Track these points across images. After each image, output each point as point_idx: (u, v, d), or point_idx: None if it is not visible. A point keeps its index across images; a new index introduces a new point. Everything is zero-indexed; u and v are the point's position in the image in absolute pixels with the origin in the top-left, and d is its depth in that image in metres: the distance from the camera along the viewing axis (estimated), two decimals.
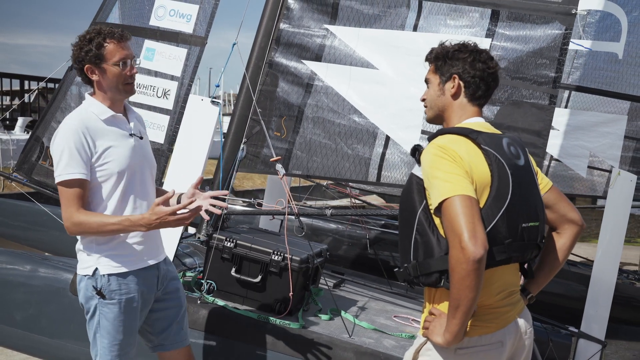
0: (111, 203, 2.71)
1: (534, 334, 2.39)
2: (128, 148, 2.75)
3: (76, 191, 2.62)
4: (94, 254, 2.73)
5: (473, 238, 1.96)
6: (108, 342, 2.75)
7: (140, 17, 4.52)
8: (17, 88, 17.96)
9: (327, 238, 6.68)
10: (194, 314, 3.45)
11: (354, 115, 4.33)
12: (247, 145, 4.25)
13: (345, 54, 4.31)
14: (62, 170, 2.60)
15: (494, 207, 2.11)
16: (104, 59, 2.69)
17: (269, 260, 3.61)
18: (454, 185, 2.05)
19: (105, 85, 2.73)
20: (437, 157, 2.12)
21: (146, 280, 2.81)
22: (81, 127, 2.63)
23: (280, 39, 4.30)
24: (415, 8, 4.40)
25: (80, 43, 2.72)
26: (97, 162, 2.66)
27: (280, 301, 3.59)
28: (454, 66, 2.33)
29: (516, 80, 4.07)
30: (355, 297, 4.40)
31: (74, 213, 2.61)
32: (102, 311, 2.73)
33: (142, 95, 4.41)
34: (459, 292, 2.00)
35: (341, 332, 3.52)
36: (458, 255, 1.98)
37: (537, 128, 4.00)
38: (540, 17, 3.99)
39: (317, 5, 4.34)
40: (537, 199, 2.29)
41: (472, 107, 2.34)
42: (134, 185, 2.78)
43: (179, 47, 4.35)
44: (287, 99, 4.34)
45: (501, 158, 2.16)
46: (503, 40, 4.09)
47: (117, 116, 2.77)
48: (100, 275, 2.71)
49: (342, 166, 4.41)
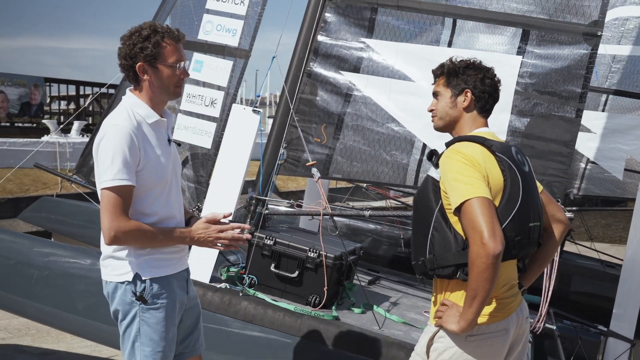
0: (152, 210, 2.61)
1: (560, 332, 2.63)
2: (168, 156, 2.65)
3: (126, 198, 2.48)
4: (132, 258, 2.59)
5: (493, 236, 2.19)
6: (151, 349, 2.61)
7: (190, 31, 4.85)
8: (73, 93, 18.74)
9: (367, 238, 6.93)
10: (236, 305, 3.77)
11: (392, 124, 4.55)
12: (288, 150, 4.55)
13: (383, 66, 4.53)
14: (115, 175, 2.44)
15: (507, 208, 2.35)
16: (161, 58, 2.54)
17: (306, 257, 3.90)
18: (473, 188, 2.27)
19: (156, 85, 2.58)
20: (457, 161, 2.36)
21: (180, 285, 2.73)
22: (132, 130, 2.48)
23: (319, 50, 4.58)
24: (450, 26, 4.66)
25: (133, 39, 2.53)
26: (142, 168, 2.52)
27: (315, 295, 3.88)
28: (465, 82, 2.56)
29: (545, 94, 4.29)
30: (389, 293, 4.65)
31: (124, 222, 2.47)
32: (143, 317, 2.60)
33: (191, 103, 4.75)
34: (477, 283, 2.22)
35: (372, 324, 3.79)
36: (479, 250, 2.20)
37: (564, 139, 4.21)
38: (568, 37, 4.20)
39: (354, 19, 4.60)
40: (539, 201, 2.53)
41: (481, 119, 2.58)
42: (172, 192, 2.70)
43: (225, 60, 4.66)
44: (326, 107, 4.60)
45: (513, 164, 2.40)
46: (533, 58, 4.31)
47: (161, 121, 2.64)
48: (141, 280, 2.58)
49: (380, 171, 4.64)
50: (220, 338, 3.77)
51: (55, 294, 4.11)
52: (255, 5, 4.62)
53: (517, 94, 4.29)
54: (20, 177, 12.59)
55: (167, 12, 5.09)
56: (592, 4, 4.15)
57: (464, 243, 2.34)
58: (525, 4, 4.28)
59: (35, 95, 16.98)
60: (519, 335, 2.52)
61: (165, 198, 2.65)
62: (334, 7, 4.54)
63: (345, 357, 3.54)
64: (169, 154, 2.67)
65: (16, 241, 4.56)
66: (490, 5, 4.35)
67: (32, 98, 16.92)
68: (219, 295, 3.84)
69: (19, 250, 4.42)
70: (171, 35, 2.58)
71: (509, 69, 4.30)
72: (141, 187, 2.54)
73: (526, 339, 2.59)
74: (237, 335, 3.72)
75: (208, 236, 2.62)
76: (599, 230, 14.51)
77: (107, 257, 2.65)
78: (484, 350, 2.40)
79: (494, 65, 4.19)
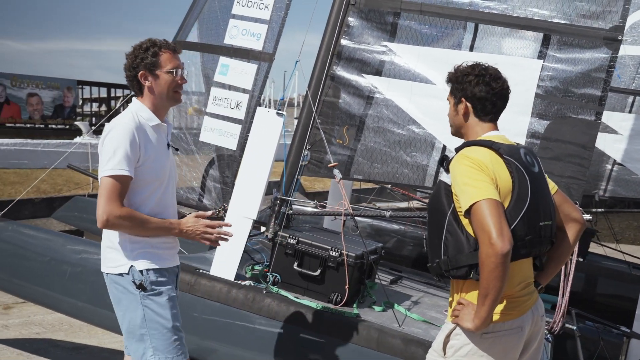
0: (148, 205, 2.82)
1: (581, 332, 2.68)
2: (166, 157, 2.91)
3: (123, 187, 2.69)
4: (128, 251, 2.80)
5: (501, 235, 2.27)
6: (160, 332, 2.80)
7: (216, 36, 5.00)
8: (104, 95, 19.11)
9: (391, 238, 7.00)
10: (259, 302, 3.89)
11: (412, 126, 4.62)
12: (311, 152, 4.65)
13: (405, 69, 4.60)
14: (115, 166, 2.67)
15: (516, 208, 2.42)
16: (159, 65, 2.83)
17: (328, 256, 4.00)
18: (482, 191, 2.36)
19: (156, 90, 2.85)
20: (466, 166, 2.44)
21: (172, 279, 2.93)
22: (135, 129, 2.74)
23: (342, 54, 4.68)
24: (472, 30, 4.72)
25: (135, 52, 2.85)
26: (141, 164, 2.76)
27: (337, 293, 3.98)
28: (461, 90, 2.64)
29: (565, 98, 4.33)
30: (410, 292, 4.73)
31: (117, 207, 2.67)
32: (145, 304, 2.79)
33: (217, 106, 4.89)
34: (488, 282, 2.31)
35: (392, 322, 3.87)
36: (488, 250, 2.29)
37: (583, 141, 4.26)
38: (589, 42, 4.24)
39: (377, 23, 4.68)
40: (550, 200, 2.59)
41: (484, 124, 2.64)
42: (167, 192, 2.92)
43: (249, 63, 4.79)
44: (348, 109, 4.69)
45: (520, 166, 2.47)
46: (554, 62, 4.36)
47: (162, 125, 2.91)
48: (137, 271, 2.79)
49: (401, 172, 4.71)
50: (244, 334, 3.89)
51: (87, 289, 4.27)
52: (278, 10, 4.73)
53: (538, 97, 4.35)
54: (53, 178, 12.91)
55: (194, 18, 5.24)
56: (613, 9, 4.20)
57: (475, 244, 2.42)
58: (547, 9, 4.34)
59: (68, 97, 17.37)
60: (534, 333, 2.59)
61: (161, 195, 2.88)
62: (357, 11, 4.64)
63: (364, 353, 3.63)
64: (167, 156, 2.93)
65: (51, 239, 4.74)
66: (512, 10, 4.41)
67: (65, 100, 17.31)
68: (244, 292, 3.96)
69: (53, 248, 4.61)
70: (168, 46, 2.89)
71: (529, 72, 4.36)
72: (139, 181, 2.77)
73: (542, 337, 2.66)
74: (260, 331, 3.84)
75: (196, 229, 2.85)
76: (630, 232, 14.29)
77: (107, 248, 2.87)
78: (499, 347, 2.47)
79: (515, 68, 4.31)
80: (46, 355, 5.43)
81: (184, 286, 3.99)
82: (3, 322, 6.62)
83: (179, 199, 4.98)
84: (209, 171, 5.03)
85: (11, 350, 5.51)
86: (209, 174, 5.02)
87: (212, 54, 5.03)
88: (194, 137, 5.06)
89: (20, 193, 9.31)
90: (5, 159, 13.55)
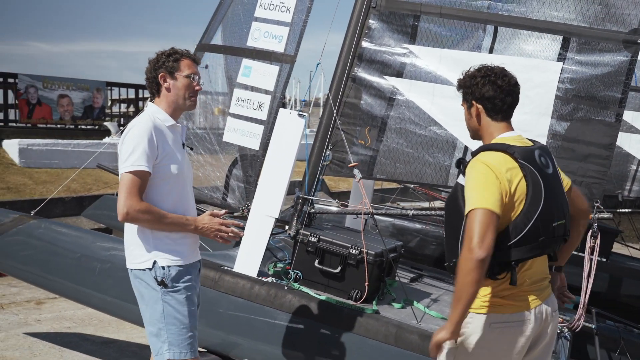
0: (168, 202, 2.97)
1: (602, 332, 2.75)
2: (182, 155, 3.09)
3: (142, 182, 2.86)
4: (151, 248, 2.95)
5: (481, 242, 2.39)
6: (176, 328, 2.94)
7: (239, 39, 5.11)
8: (133, 96, 19.39)
9: (414, 238, 7.06)
10: (281, 298, 4.00)
11: (434, 127, 4.68)
12: (333, 152, 4.75)
13: (425, 71, 4.66)
14: (135, 162, 2.84)
15: (530, 211, 2.52)
16: (178, 69, 3.05)
17: (348, 254, 4.10)
18: (483, 200, 2.46)
19: (173, 92, 3.05)
20: (478, 171, 2.54)
21: (194, 274, 3.07)
22: (153, 129, 2.92)
23: (363, 55, 4.76)
24: (491, 32, 4.77)
25: (158, 57, 3.09)
26: (159, 162, 2.93)
27: (357, 290, 4.07)
28: (470, 93, 2.73)
29: (585, 99, 4.38)
30: (430, 290, 4.80)
31: (136, 201, 2.83)
32: (165, 299, 2.94)
33: (240, 107, 5.00)
34: (462, 286, 2.42)
35: (411, 319, 3.95)
36: (466, 254, 2.41)
37: (603, 142, 4.31)
38: (608, 45, 4.29)
39: (397, 26, 4.75)
40: (563, 200, 2.68)
41: (498, 124, 2.72)
42: (185, 190, 3.09)
43: (272, 65, 4.89)
44: (370, 110, 4.77)
45: (534, 170, 2.56)
46: (574, 65, 4.40)
47: (176, 126, 3.10)
48: (159, 267, 2.93)
49: (423, 172, 4.77)
50: (266, 329, 4.00)
51: (116, 285, 4.40)
52: (300, 12, 4.83)
53: (558, 98, 4.39)
54: (83, 177, 13.18)
55: (219, 21, 5.36)
56: (632, 12, 4.24)
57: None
58: (566, 12, 4.38)
59: (98, 98, 17.64)
60: (545, 328, 2.67)
61: (179, 192, 3.04)
62: (378, 14, 4.71)
63: (383, 349, 3.72)
64: (183, 154, 3.12)
65: (81, 236, 4.91)
66: (531, 13, 4.46)
67: (94, 101, 17.58)
68: (266, 288, 4.07)
69: (83, 245, 4.77)
70: (188, 55, 3.14)
71: (549, 74, 4.41)
72: (158, 177, 2.94)
73: (553, 332, 2.73)
74: (282, 326, 3.95)
75: (211, 227, 3.01)
76: None
77: (131, 244, 3.02)
78: (506, 337, 2.57)
79: (535, 71, 4.37)
80: (77, 348, 5.61)
81: (208, 282, 4.12)
82: (35, 317, 6.84)
83: (204, 198, 5.13)
84: (232, 171, 5.15)
85: (44, 343, 5.70)
86: (233, 174, 5.14)
87: (235, 56, 5.15)
88: (218, 138, 5.19)
89: (51, 192, 9.54)
90: (37, 158, 13.86)
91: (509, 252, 2.50)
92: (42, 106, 16.36)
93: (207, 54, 5.41)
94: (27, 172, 13.41)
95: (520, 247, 2.51)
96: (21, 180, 12.98)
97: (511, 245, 2.50)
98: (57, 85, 16.71)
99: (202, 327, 3.97)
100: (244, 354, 4.08)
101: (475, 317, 2.59)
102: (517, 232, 2.50)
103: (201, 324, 3.90)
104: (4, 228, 5.02)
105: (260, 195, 4.33)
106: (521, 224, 2.50)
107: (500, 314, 2.55)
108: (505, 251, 2.50)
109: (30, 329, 6.22)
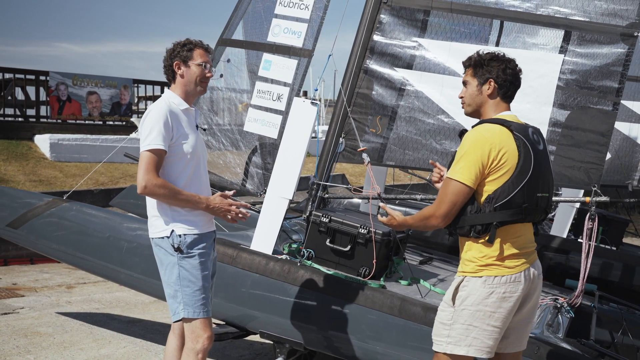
0: (182, 178, 3.25)
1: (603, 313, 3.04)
2: (195, 137, 3.35)
3: (159, 159, 3.15)
4: (169, 219, 3.25)
5: (446, 215, 2.87)
6: (191, 290, 3.24)
7: (260, 34, 5.39)
8: (158, 93, 19.84)
9: None
10: (294, 273, 4.28)
11: (442, 116, 4.94)
12: (346, 140, 5.02)
13: (434, 63, 4.92)
14: (152, 141, 3.14)
15: (519, 178, 2.83)
16: (191, 58, 3.35)
17: (357, 233, 4.37)
18: (465, 173, 2.82)
19: (186, 78, 3.35)
20: (471, 142, 2.85)
21: (209, 242, 3.36)
22: (168, 112, 3.22)
23: (374, 48, 5.02)
24: (497, 27, 5.02)
25: (174, 47, 3.40)
26: (174, 142, 3.22)
27: (365, 267, 4.34)
28: (489, 72, 3.00)
29: (584, 89, 4.63)
30: (438, 271, 5.05)
31: (153, 176, 3.11)
32: (181, 264, 3.24)
33: (261, 98, 5.29)
34: (418, 224, 3.01)
35: (416, 294, 4.21)
36: (432, 213, 2.88)
37: (601, 130, 4.55)
38: (607, 38, 4.53)
39: (408, 20, 5.02)
40: (549, 176, 2.95)
41: (503, 104, 3.03)
42: (200, 169, 3.37)
43: (290, 59, 5.16)
44: (381, 100, 5.04)
45: (527, 142, 2.84)
46: (574, 57, 4.66)
47: (190, 109, 3.39)
48: (176, 235, 3.23)
49: (431, 158, 5.00)
50: (280, 302, 4.29)
51: (142, 262, 4.73)
52: (318, 9, 5.09)
53: (559, 88, 4.64)
54: (111, 171, 13.64)
55: (239, 17, 5.65)
56: (629, 7, 4.48)
57: (477, 208, 2.83)
58: (568, 8, 4.63)
59: (125, 95, 18.08)
60: (532, 289, 2.96)
61: (194, 169, 3.32)
62: (389, 9, 4.98)
63: (388, 319, 3.99)
64: (197, 135, 3.40)
65: (109, 218, 5.25)
66: (535, 9, 4.70)
67: (122, 98, 18.03)
68: (280, 264, 4.35)
69: (111, 226, 5.10)
70: (202, 45, 3.43)
71: (551, 66, 4.66)
72: (173, 156, 3.23)
73: (538, 292, 3.02)
74: (294, 299, 4.23)
75: (221, 207, 3.30)
76: None
77: (152, 216, 3.34)
78: (499, 296, 2.85)
79: (538, 62, 4.62)
80: (105, 326, 5.96)
81: (227, 259, 4.42)
82: (67, 299, 7.23)
83: (224, 184, 5.42)
84: (252, 158, 5.43)
85: (74, 321, 6.07)
86: (252, 161, 5.42)
87: (256, 51, 5.44)
88: (239, 128, 5.48)
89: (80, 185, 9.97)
90: (67, 153, 14.36)
91: (494, 214, 2.81)
92: (71, 103, 16.86)
93: (229, 49, 5.70)
94: (58, 166, 13.91)
95: (505, 210, 2.82)
96: (52, 173, 13.48)
97: (497, 207, 2.82)
98: (86, 83, 17.21)
99: (221, 301, 4.30)
100: (259, 326, 4.37)
101: (471, 280, 2.88)
102: (504, 196, 2.82)
103: (219, 298, 4.21)
104: (38, 210, 5.38)
105: (275, 179, 4.61)
106: (508, 189, 2.81)
107: (494, 276, 2.85)
108: (491, 213, 2.81)
109: (61, 309, 6.60)
